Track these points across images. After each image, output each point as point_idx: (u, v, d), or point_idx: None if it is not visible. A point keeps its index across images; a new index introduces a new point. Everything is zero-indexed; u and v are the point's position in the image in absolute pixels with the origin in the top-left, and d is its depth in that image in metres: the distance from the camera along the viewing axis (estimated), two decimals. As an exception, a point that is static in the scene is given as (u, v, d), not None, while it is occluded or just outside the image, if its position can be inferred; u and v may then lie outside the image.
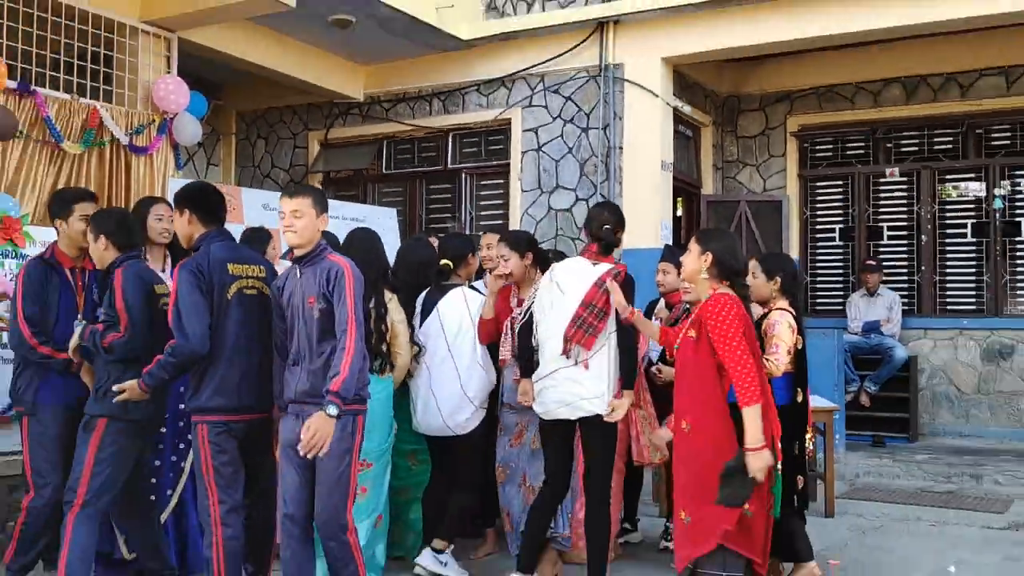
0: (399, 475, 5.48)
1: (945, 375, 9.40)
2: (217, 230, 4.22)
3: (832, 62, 9.64)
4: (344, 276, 3.91)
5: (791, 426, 5.08)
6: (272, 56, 8.91)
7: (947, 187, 9.79)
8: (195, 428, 4.08)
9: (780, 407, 4.96)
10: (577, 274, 4.61)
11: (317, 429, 3.76)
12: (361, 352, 3.90)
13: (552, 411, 4.53)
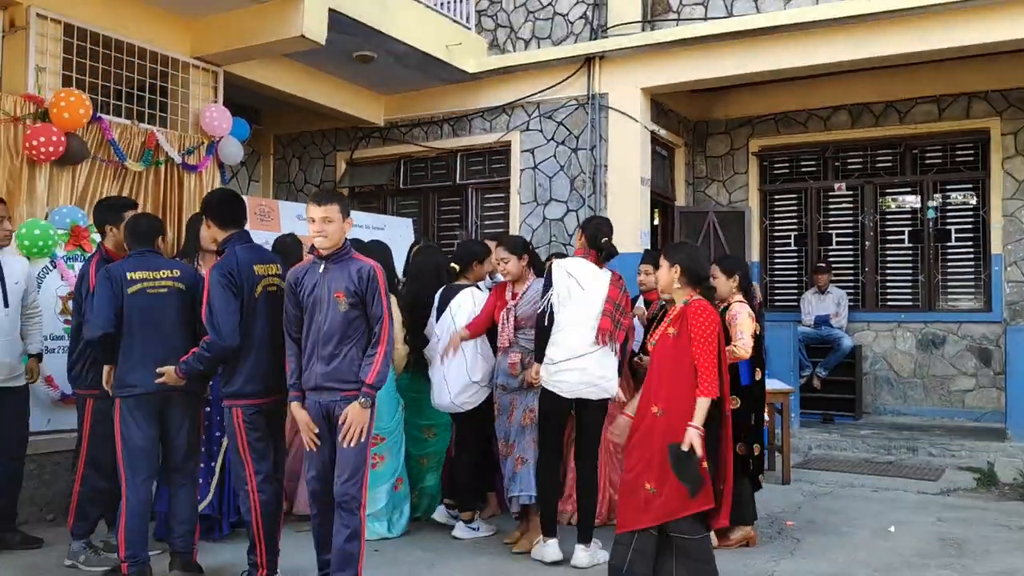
0: (417, 446, 5.55)
1: (885, 361, 9.42)
2: (238, 234, 4.20)
3: (787, 92, 9.64)
4: (377, 276, 3.87)
5: (752, 401, 5.13)
6: (305, 87, 8.89)
7: (887, 200, 9.79)
8: (230, 411, 4.08)
9: (744, 387, 5.02)
10: (590, 273, 4.75)
11: (354, 419, 3.76)
12: (391, 348, 3.88)
13: (577, 391, 4.62)
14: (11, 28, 6.28)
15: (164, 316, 4.23)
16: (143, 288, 4.21)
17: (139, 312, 4.20)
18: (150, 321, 4.20)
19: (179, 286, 4.28)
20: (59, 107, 6.05)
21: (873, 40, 7.61)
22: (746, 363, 5.10)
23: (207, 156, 7.38)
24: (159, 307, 4.23)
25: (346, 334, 3.84)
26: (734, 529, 5.07)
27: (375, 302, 3.83)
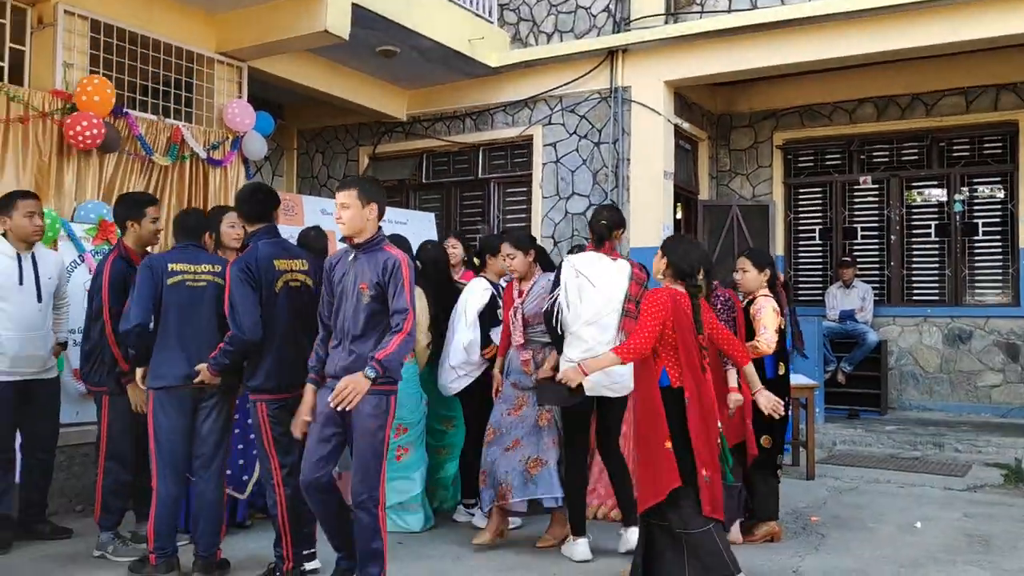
0: (436, 437, 5.58)
1: (911, 357, 9.35)
2: (264, 228, 4.20)
3: (812, 84, 9.57)
4: (401, 267, 3.75)
5: (775, 396, 5.10)
6: (328, 82, 8.93)
7: (913, 193, 9.71)
8: (254, 405, 4.10)
9: (768, 380, 5.00)
10: (602, 268, 4.63)
11: (350, 382, 3.62)
12: (411, 337, 3.74)
13: (598, 390, 4.53)
14: (39, 25, 6.35)
15: (201, 310, 4.23)
16: (183, 280, 4.24)
17: (177, 304, 4.21)
18: (187, 314, 4.22)
19: (219, 280, 4.26)
20: (87, 93, 6.10)
21: (900, 31, 7.54)
22: (771, 357, 5.07)
23: (232, 151, 7.42)
24: (197, 300, 4.24)
25: (367, 327, 3.75)
26: (759, 524, 5.06)
27: (397, 295, 3.70)
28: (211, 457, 4.26)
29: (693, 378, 3.94)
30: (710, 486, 3.92)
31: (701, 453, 3.90)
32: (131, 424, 4.62)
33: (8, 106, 5.87)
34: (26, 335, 4.72)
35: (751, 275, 5.14)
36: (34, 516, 4.90)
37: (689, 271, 4.07)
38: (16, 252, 4.74)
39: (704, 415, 3.95)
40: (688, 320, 4.00)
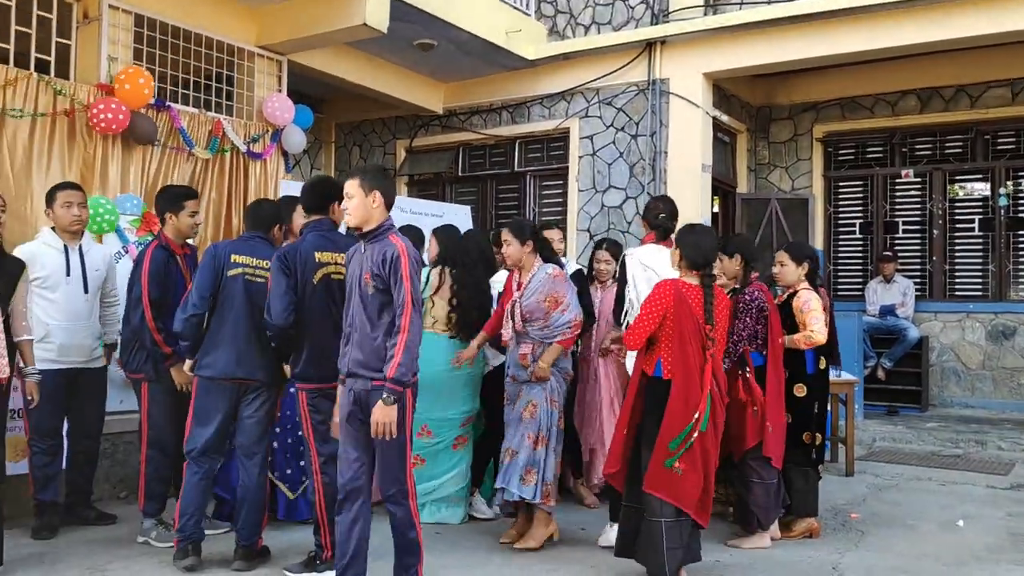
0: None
1: (953, 353, 9.20)
2: (318, 221, 4.22)
3: (853, 76, 9.44)
4: (400, 258, 3.56)
5: (816, 389, 5.07)
6: (366, 75, 8.96)
7: (956, 187, 9.55)
8: (297, 393, 4.17)
9: (808, 375, 4.96)
10: (665, 260, 4.58)
11: (378, 419, 3.47)
12: (417, 332, 3.55)
13: None
14: (84, 19, 6.45)
15: (255, 305, 4.25)
16: (243, 274, 4.29)
17: (232, 297, 4.27)
18: (242, 307, 4.27)
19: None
20: (119, 81, 6.18)
21: (944, 22, 7.41)
22: (811, 352, 5.03)
23: (271, 144, 7.50)
24: (253, 295, 4.27)
25: (376, 319, 3.62)
26: (797, 520, 5.02)
27: (397, 288, 3.55)
28: (252, 447, 4.31)
29: (683, 371, 3.96)
30: (681, 479, 3.93)
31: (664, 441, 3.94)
32: (171, 411, 4.70)
33: (55, 99, 5.98)
34: (74, 325, 4.84)
35: (789, 268, 5.11)
36: (80, 502, 5.01)
37: (700, 263, 4.09)
38: (63, 244, 4.84)
39: (689, 405, 3.95)
40: (690, 312, 4.00)
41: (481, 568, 4.41)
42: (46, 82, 5.95)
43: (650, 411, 4.05)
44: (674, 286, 4.05)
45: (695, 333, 3.99)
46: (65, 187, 4.93)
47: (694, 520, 4.02)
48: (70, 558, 4.40)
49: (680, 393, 3.95)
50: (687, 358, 3.97)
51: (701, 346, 4.01)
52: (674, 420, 3.95)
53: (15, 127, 5.80)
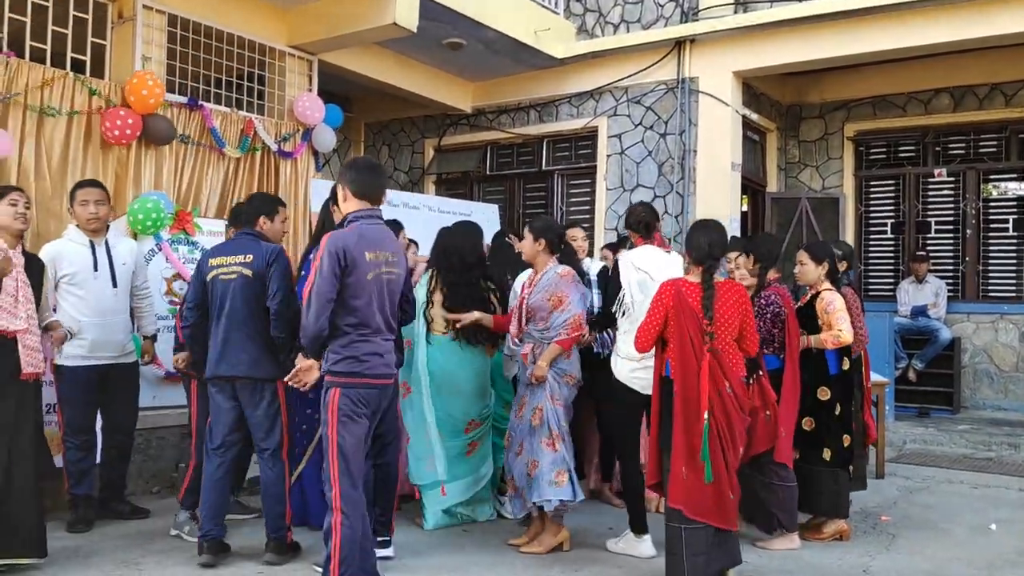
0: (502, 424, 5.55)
1: (986, 354, 9.08)
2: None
3: (885, 74, 9.34)
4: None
5: (839, 391, 5.02)
6: (395, 74, 9.01)
7: (990, 187, 9.42)
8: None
9: (831, 376, 4.92)
10: (659, 261, 4.62)
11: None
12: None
13: (649, 387, 4.40)
14: (119, 19, 6.55)
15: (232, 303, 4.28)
16: (217, 275, 4.33)
17: (212, 298, 4.35)
18: (218, 308, 4.31)
19: (246, 272, 4.29)
20: (131, 86, 6.20)
21: (978, 20, 7.31)
22: (832, 353, 4.98)
23: (302, 143, 7.56)
24: (224, 294, 4.29)
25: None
26: (827, 522, 4.98)
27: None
28: (261, 443, 4.33)
29: (683, 369, 3.94)
30: (686, 482, 3.88)
31: (679, 447, 3.90)
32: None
33: (90, 99, 6.07)
34: (104, 320, 4.88)
35: (808, 268, 5.08)
36: (114, 496, 5.08)
37: (704, 256, 4.08)
38: (89, 240, 4.88)
39: (690, 408, 3.89)
40: (690, 309, 3.96)
41: (508, 566, 4.42)
42: (81, 81, 6.05)
43: (663, 413, 4.05)
44: (674, 286, 4.04)
45: (696, 331, 3.95)
46: (83, 185, 4.99)
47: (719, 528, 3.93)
48: (105, 552, 4.46)
49: (680, 393, 3.93)
50: (689, 359, 3.94)
51: (698, 343, 3.93)
52: (679, 422, 3.91)
53: (52, 126, 5.90)
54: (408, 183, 10.67)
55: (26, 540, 4.04)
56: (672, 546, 3.93)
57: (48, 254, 4.75)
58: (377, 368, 3.70)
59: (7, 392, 4.00)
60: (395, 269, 3.79)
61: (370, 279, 3.65)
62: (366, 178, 3.81)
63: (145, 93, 6.16)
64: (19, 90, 5.69)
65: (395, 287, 3.82)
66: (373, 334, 3.69)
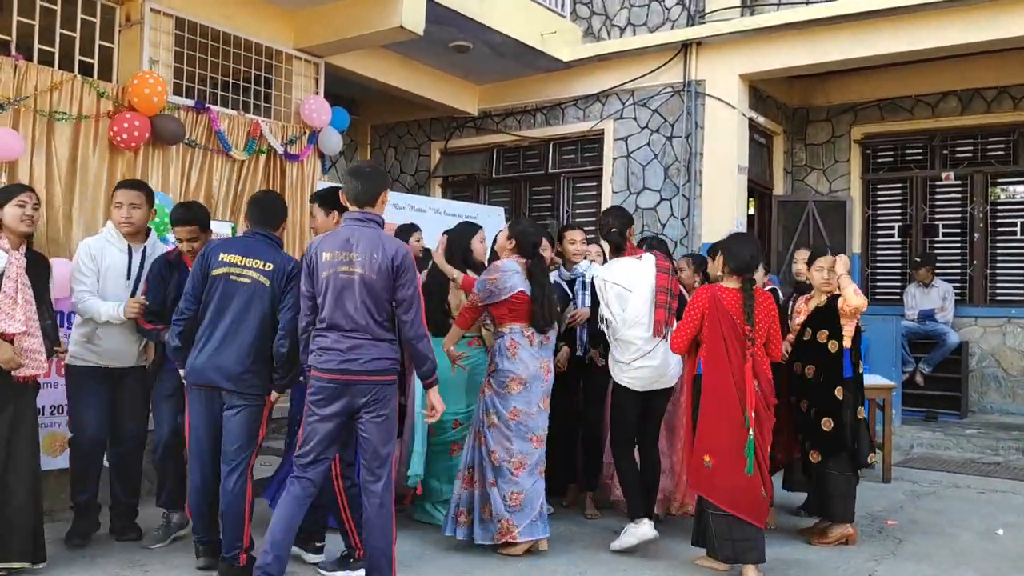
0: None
1: (994, 358, 9.04)
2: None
3: (893, 77, 9.32)
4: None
5: (853, 395, 5.01)
6: (401, 77, 9.03)
7: (997, 190, 9.39)
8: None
9: (845, 379, 4.91)
10: (631, 271, 4.72)
11: None
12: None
13: (650, 385, 4.72)
14: (127, 22, 6.57)
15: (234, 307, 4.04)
16: (228, 274, 4.03)
17: (216, 298, 4.05)
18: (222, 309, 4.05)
19: (263, 281, 4.04)
20: (133, 88, 6.18)
21: (986, 23, 7.31)
22: (847, 355, 4.97)
23: (308, 146, 7.58)
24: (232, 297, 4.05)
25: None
26: (833, 526, 4.96)
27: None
28: (233, 456, 4.03)
29: (715, 369, 4.20)
30: (712, 473, 4.16)
31: (704, 439, 4.19)
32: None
33: (98, 102, 6.09)
34: (123, 327, 4.61)
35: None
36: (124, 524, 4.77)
37: (744, 268, 4.31)
38: (127, 245, 4.66)
39: (721, 403, 4.16)
40: (726, 313, 4.22)
41: (511, 566, 4.41)
42: (90, 84, 6.07)
43: (696, 408, 4.33)
44: (710, 290, 4.34)
45: (732, 332, 4.20)
46: (121, 186, 4.77)
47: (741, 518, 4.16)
48: (111, 553, 4.46)
49: (710, 389, 4.20)
50: (720, 358, 4.20)
51: (741, 346, 4.19)
52: (709, 418, 4.20)
53: (61, 129, 5.92)
54: (414, 186, 10.69)
55: (23, 545, 3.97)
56: (708, 528, 4.29)
57: (92, 249, 4.58)
58: (329, 363, 3.69)
59: (3, 395, 3.93)
60: (356, 269, 3.70)
61: (324, 277, 3.72)
62: (349, 183, 3.86)
63: (148, 92, 6.16)
64: (28, 93, 5.72)
65: (359, 286, 3.69)
66: (328, 330, 3.72)
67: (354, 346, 3.70)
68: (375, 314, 3.71)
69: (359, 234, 3.75)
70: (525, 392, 4.57)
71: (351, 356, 3.69)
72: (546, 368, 4.68)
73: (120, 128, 6.08)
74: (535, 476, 4.58)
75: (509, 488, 4.51)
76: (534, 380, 4.59)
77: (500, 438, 4.55)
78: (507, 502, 4.50)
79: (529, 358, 4.60)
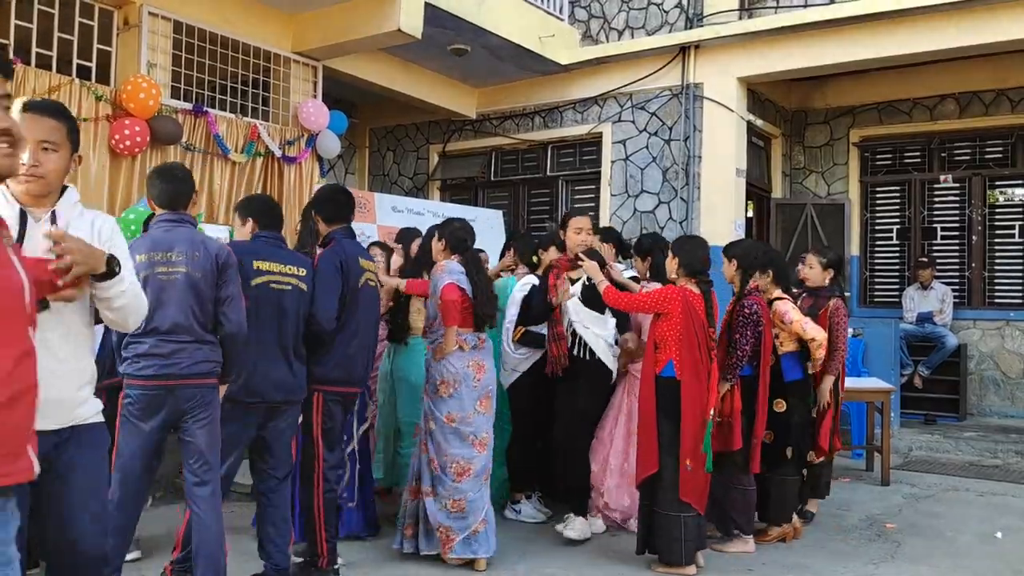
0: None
1: (992, 361, 9.05)
2: (342, 229, 4.27)
3: (891, 80, 9.34)
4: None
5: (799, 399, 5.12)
6: (400, 80, 9.03)
7: (996, 193, 9.40)
8: (310, 395, 4.05)
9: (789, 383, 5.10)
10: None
11: None
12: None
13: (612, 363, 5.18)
14: (125, 26, 6.57)
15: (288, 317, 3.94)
16: (267, 282, 3.86)
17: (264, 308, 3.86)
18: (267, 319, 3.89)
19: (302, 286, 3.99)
20: (128, 93, 6.15)
21: (986, 25, 7.31)
22: (794, 358, 5.05)
23: (306, 149, 7.58)
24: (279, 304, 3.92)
25: None
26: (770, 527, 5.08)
27: None
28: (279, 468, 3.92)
29: (693, 371, 4.27)
30: (692, 475, 4.28)
31: (687, 443, 4.25)
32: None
33: (97, 105, 6.09)
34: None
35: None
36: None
37: (699, 268, 4.45)
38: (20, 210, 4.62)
39: (696, 406, 4.26)
40: (698, 316, 4.32)
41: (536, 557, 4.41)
42: (87, 88, 6.07)
43: (665, 412, 4.33)
44: (681, 292, 4.37)
45: (704, 337, 4.33)
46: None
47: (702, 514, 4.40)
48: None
49: (690, 395, 4.27)
50: (696, 361, 4.29)
51: (707, 348, 4.34)
52: (688, 423, 4.27)
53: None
54: (413, 189, 10.69)
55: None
56: (673, 533, 4.29)
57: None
58: (148, 369, 3.41)
59: None
60: (178, 268, 3.47)
61: (141, 277, 3.33)
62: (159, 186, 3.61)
63: (143, 97, 6.15)
64: (26, 96, 5.71)
65: (182, 286, 3.45)
66: (145, 335, 3.39)
67: (176, 350, 3.43)
68: (198, 314, 3.46)
69: (175, 234, 3.53)
70: (456, 395, 4.47)
71: (174, 360, 3.42)
72: (476, 368, 4.50)
73: (122, 136, 6.09)
74: (480, 483, 4.47)
75: (450, 495, 4.40)
76: (462, 382, 4.45)
77: (439, 443, 4.45)
78: (447, 509, 4.39)
79: (455, 359, 4.47)
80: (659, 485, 4.34)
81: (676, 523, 4.28)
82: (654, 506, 4.37)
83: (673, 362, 4.30)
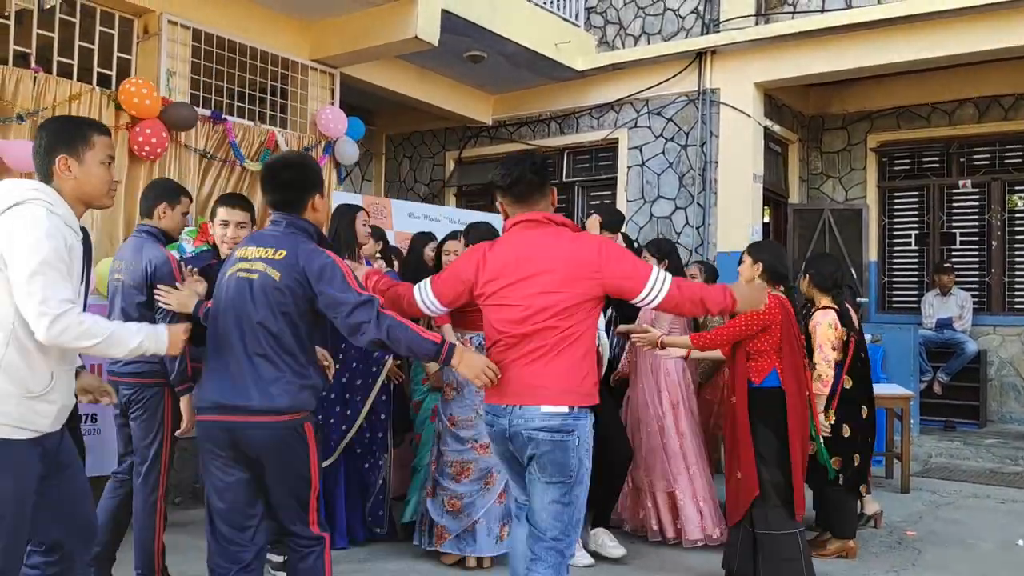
0: None
1: (1013, 367, 8.96)
2: None
3: (909, 85, 9.28)
4: None
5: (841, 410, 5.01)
6: (416, 87, 9.06)
7: (1015, 197, 9.32)
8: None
9: None
10: None
11: None
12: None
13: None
14: (144, 34, 6.62)
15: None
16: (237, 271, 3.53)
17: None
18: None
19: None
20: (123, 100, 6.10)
21: (1005, 29, 7.26)
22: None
23: (324, 155, 7.61)
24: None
25: None
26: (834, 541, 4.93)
27: None
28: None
29: (797, 382, 4.08)
30: (801, 489, 4.08)
31: (796, 454, 4.02)
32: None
33: (116, 113, 6.14)
34: None
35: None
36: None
37: (785, 272, 4.33)
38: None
39: (804, 416, 4.11)
40: (795, 326, 4.19)
41: None
42: (108, 96, 6.12)
43: (762, 423, 4.05)
44: (779, 300, 4.13)
45: (801, 346, 4.25)
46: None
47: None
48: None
49: (795, 404, 4.04)
50: (798, 368, 4.13)
51: (803, 356, 4.27)
52: (796, 435, 4.04)
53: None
54: (429, 195, 10.71)
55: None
56: (792, 552, 4.00)
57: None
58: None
59: None
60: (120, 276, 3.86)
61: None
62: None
63: (138, 100, 6.08)
64: (47, 104, 5.77)
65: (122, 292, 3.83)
66: None
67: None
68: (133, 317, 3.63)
69: (129, 243, 3.95)
70: (458, 398, 4.52)
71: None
72: None
73: (146, 139, 6.11)
74: (480, 486, 4.45)
75: (448, 492, 4.46)
76: (465, 384, 4.45)
77: (445, 443, 4.53)
78: (444, 506, 4.47)
79: None
80: (769, 504, 4.03)
81: (794, 542, 4.01)
82: (756, 528, 4.06)
83: (776, 371, 4.05)
